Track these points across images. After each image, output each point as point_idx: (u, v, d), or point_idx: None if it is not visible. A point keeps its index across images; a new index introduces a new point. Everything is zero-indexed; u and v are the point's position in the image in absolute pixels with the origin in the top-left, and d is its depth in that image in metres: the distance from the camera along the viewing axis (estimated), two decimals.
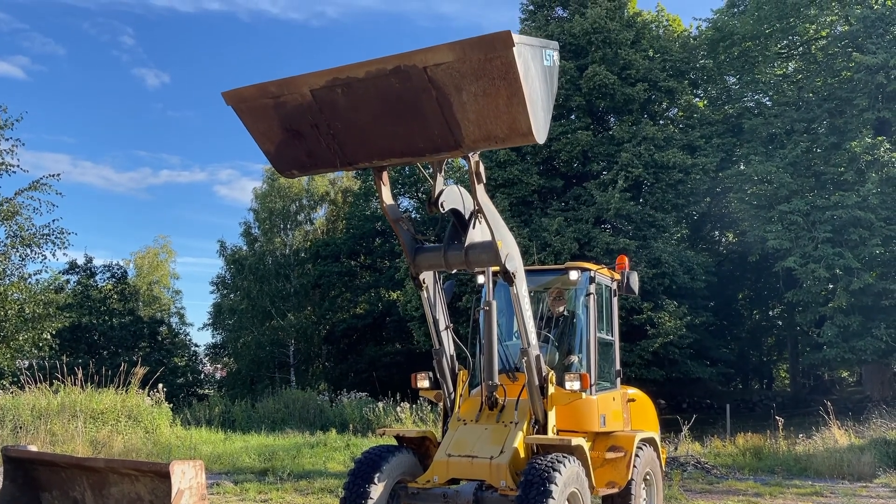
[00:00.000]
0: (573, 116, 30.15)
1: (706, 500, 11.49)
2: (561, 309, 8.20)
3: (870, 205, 23.87)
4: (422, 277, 6.80)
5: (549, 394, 6.98)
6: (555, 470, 6.20)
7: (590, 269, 8.09)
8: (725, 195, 30.01)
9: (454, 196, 6.31)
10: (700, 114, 31.59)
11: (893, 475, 13.43)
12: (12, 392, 17.02)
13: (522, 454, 6.79)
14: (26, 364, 19.20)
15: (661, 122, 31.44)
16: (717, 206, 32.11)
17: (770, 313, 39.15)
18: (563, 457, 6.45)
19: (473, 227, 6.37)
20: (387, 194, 6.29)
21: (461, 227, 6.44)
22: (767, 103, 30.63)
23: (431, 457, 7.20)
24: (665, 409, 25.38)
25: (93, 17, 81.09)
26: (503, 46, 4.53)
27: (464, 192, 6.40)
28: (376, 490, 6.68)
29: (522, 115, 4.76)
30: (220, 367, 45.15)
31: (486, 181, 6.16)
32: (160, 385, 17.75)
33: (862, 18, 26.10)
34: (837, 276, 24.14)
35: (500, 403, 7.21)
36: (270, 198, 40.19)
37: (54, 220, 24.44)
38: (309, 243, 39.83)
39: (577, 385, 6.99)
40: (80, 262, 35.83)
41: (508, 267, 6.34)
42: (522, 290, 6.60)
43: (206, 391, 38.20)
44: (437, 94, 4.82)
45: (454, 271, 6.76)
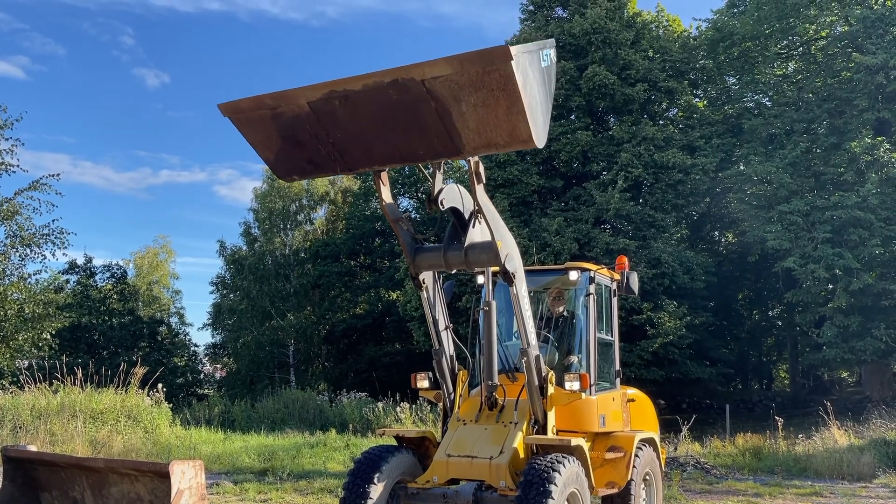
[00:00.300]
0: (573, 116, 30.17)
1: (706, 500, 11.49)
2: (561, 309, 8.19)
3: (869, 205, 23.87)
4: (421, 277, 6.80)
5: (549, 394, 6.98)
6: (554, 470, 6.19)
7: (589, 270, 8.09)
8: (725, 195, 29.99)
9: (454, 194, 6.31)
10: (700, 114, 31.60)
11: (893, 475, 13.42)
12: (12, 392, 17.02)
13: (522, 454, 6.79)
14: (26, 364, 19.19)
15: (660, 122, 31.46)
16: (717, 207, 32.12)
17: (770, 313, 39.10)
18: (563, 457, 6.45)
19: (473, 228, 6.37)
20: (386, 194, 6.29)
21: (461, 228, 6.43)
22: (767, 103, 30.61)
23: (431, 457, 7.19)
24: (665, 409, 25.36)
25: (93, 17, 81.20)
26: (501, 60, 4.51)
27: (463, 191, 6.39)
28: (376, 490, 6.67)
29: (522, 123, 4.76)
30: (219, 367, 45.11)
31: (485, 181, 6.16)
32: (160, 385, 17.76)
33: (862, 19, 26.09)
34: (837, 276, 24.14)
35: (500, 404, 7.20)
36: (270, 198, 40.19)
37: (54, 220, 24.47)
38: (309, 243, 39.82)
39: (576, 385, 6.99)
40: (80, 262, 35.91)
41: (508, 267, 6.34)
42: (522, 291, 6.60)
43: (206, 391, 38.17)
44: (436, 105, 4.81)
45: (454, 271, 6.75)
